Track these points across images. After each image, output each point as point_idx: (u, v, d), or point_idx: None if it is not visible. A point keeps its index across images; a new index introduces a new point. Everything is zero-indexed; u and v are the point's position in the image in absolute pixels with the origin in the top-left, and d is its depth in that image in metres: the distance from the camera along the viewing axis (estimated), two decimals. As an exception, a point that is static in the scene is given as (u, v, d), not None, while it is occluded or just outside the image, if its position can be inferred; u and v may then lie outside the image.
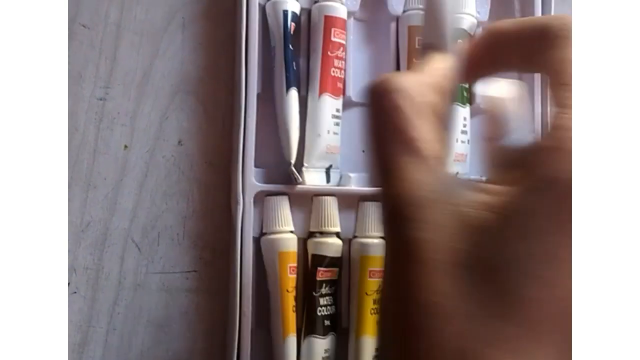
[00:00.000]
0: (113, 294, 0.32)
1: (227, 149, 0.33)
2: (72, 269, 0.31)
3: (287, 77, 0.30)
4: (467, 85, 0.33)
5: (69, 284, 0.31)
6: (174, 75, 0.33)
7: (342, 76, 0.32)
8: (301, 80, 0.32)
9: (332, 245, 0.32)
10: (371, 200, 0.32)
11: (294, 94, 0.31)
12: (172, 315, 0.32)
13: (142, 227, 0.32)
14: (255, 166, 0.31)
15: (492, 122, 0.23)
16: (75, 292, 0.31)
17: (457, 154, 0.33)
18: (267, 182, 0.32)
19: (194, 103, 0.33)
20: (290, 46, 0.31)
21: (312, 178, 0.31)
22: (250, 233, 0.31)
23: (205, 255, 0.33)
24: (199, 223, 0.33)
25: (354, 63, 0.33)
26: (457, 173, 0.33)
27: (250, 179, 0.31)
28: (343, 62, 0.32)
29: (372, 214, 0.32)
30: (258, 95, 0.31)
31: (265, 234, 0.31)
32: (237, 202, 0.30)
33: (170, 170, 0.32)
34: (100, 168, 0.32)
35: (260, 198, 0.31)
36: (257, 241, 0.31)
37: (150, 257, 0.32)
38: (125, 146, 0.32)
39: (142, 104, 0.32)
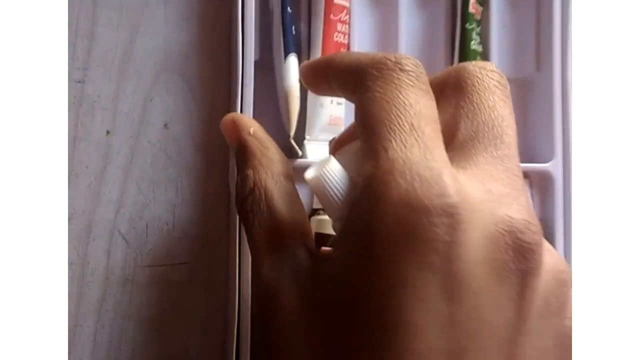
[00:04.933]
0: (100, 290, 0.30)
1: (217, 131, 0.31)
2: (55, 265, 0.29)
3: (285, 43, 0.28)
4: None
5: (52, 280, 0.29)
6: (157, 54, 0.30)
7: (346, 42, 0.30)
8: (302, 46, 0.30)
9: (336, 223, 0.29)
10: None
11: (293, 60, 0.28)
12: (165, 311, 0.30)
13: (128, 217, 0.30)
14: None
15: (321, 200, 0.22)
16: (59, 290, 0.29)
17: None
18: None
19: (179, 83, 0.31)
20: (289, 9, 0.28)
21: (314, 152, 0.29)
22: None
23: (197, 245, 0.31)
24: (190, 211, 0.30)
25: (358, 27, 0.31)
26: None
27: None
28: (347, 27, 0.30)
29: None
30: (256, 62, 0.29)
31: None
32: (234, 178, 0.28)
33: (156, 156, 0.30)
34: (81, 156, 0.30)
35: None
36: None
37: (139, 250, 0.30)
38: (108, 132, 0.30)
39: (123, 86, 0.30)
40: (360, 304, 0.19)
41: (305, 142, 0.29)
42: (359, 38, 0.31)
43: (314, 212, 0.30)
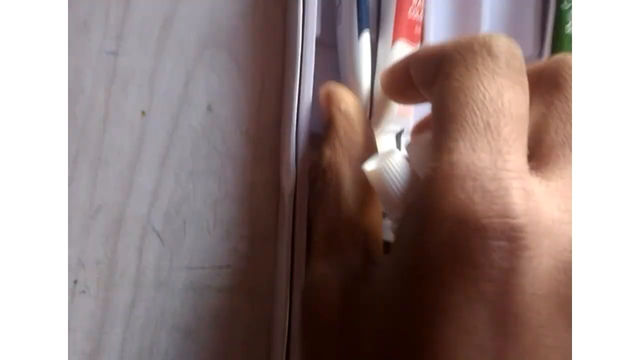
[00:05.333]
0: (130, 293, 0.26)
1: (268, 116, 0.27)
2: (79, 264, 0.26)
3: (359, 17, 0.24)
4: None
5: (76, 281, 0.25)
6: (202, 25, 0.26)
7: (421, 18, 0.26)
8: (370, 23, 0.26)
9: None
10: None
11: (366, 38, 0.24)
12: (202, 319, 0.27)
13: (164, 212, 0.26)
14: (312, 129, 0.25)
15: (380, 196, 0.21)
16: (84, 292, 0.26)
17: None
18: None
19: (226, 60, 0.27)
20: None
21: (382, 145, 0.25)
22: (304, 212, 0.24)
23: (241, 246, 0.27)
24: (233, 207, 0.27)
25: (435, 2, 0.26)
26: None
27: (306, 145, 0.24)
28: (423, 1, 0.25)
29: None
30: (317, 39, 0.25)
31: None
32: (288, 173, 0.24)
33: (198, 142, 0.26)
34: (112, 140, 0.26)
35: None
36: (310, 222, 0.25)
37: (175, 249, 0.26)
38: (143, 112, 0.26)
39: (163, 61, 0.26)
40: (398, 324, 0.17)
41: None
42: (435, 15, 0.26)
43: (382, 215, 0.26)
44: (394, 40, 0.25)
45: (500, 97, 0.17)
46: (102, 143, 0.26)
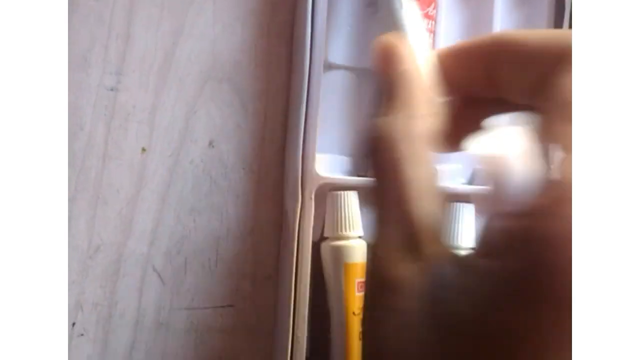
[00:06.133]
0: (129, 335, 0.25)
1: (271, 150, 0.26)
2: (78, 305, 0.25)
3: None
4: None
5: (74, 324, 0.25)
6: (204, 58, 0.26)
7: (432, 40, 0.25)
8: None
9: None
10: (462, 200, 0.25)
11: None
12: (204, 361, 0.26)
13: (164, 251, 0.25)
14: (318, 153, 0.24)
15: (494, 183, 0.17)
16: (82, 334, 0.25)
17: None
18: (331, 173, 0.25)
19: (228, 93, 0.26)
20: None
21: None
22: (309, 238, 0.24)
23: (244, 285, 0.26)
24: (236, 245, 0.26)
25: (446, 24, 0.26)
26: None
27: (312, 169, 0.24)
28: (433, 23, 0.25)
29: (463, 218, 0.25)
30: (325, 61, 0.24)
31: (326, 238, 0.25)
32: (294, 198, 0.24)
33: (199, 179, 0.26)
34: (111, 178, 0.25)
35: (322, 193, 0.24)
36: (315, 246, 0.25)
37: (176, 289, 0.26)
38: (143, 149, 0.26)
39: (163, 96, 0.26)
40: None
41: None
42: (445, 37, 0.26)
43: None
44: None
45: None
46: (101, 181, 0.25)
